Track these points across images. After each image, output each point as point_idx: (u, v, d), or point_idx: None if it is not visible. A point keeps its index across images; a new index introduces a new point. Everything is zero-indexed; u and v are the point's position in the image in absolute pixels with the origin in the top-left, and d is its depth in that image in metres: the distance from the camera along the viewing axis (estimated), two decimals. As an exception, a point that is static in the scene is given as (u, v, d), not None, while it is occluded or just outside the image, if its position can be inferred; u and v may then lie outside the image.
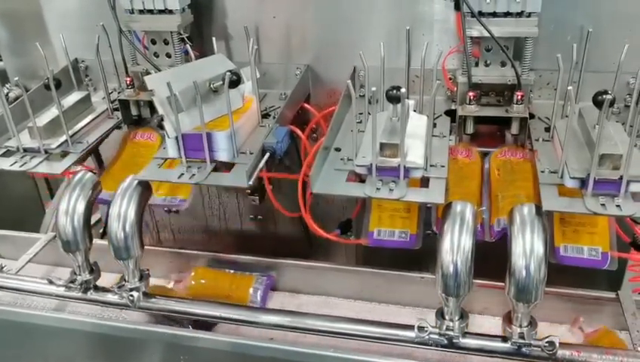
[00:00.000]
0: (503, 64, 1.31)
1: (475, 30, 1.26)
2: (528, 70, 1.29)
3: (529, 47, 1.27)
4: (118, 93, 1.54)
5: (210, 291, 1.47)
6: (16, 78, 1.34)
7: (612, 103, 1.02)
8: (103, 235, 1.76)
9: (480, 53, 1.31)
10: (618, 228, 1.20)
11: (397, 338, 1.13)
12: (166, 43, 1.46)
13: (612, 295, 1.29)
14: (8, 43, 1.82)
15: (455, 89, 1.33)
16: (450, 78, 1.39)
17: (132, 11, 1.42)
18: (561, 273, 1.16)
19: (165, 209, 1.42)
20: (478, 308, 1.40)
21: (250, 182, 1.15)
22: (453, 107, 1.35)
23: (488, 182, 1.26)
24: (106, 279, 1.34)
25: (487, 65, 1.32)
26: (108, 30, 1.45)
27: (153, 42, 1.47)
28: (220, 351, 1.24)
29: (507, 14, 1.25)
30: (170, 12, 1.40)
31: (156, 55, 1.48)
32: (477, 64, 1.32)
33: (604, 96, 1.01)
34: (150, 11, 1.41)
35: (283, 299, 1.51)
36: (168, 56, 1.47)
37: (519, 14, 1.24)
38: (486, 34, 1.25)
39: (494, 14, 1.25)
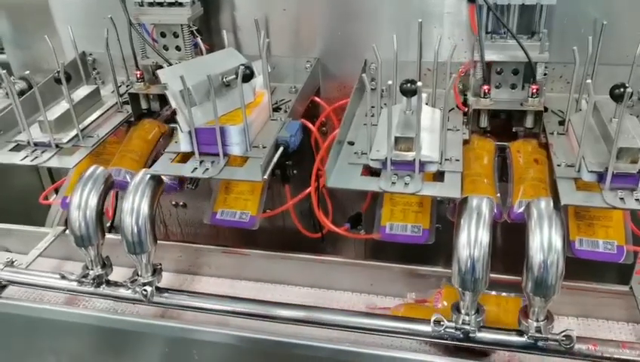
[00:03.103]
0: (514, 86, 1.30)
1: (492, 55, 1.25)
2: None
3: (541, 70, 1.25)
4: (127, 86, 1.53)
5: None
6: (28, 72, 1.32)
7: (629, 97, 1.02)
8: (111, 229, 1.76)
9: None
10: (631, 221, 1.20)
11: (413, 333, 1.13)
12: (176, 36, 1.44)
13: (625, 288, 1.29)
14: (13, 36, 1.80)
15: (466, 109, 1.32)
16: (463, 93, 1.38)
17: (142, 4, 1.41)
18: (571, 265, 1.16)
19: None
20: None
21: (265, 177, 1.14)
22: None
23: (511, 165, 1.26)
24: (116, 273, 1.34)
25: (497, 87, 1.31)
26: (115, 23, 1.44)
27: (163, 35, 1.45)
28: (232, 345, 1.25)
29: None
30: (180, 5, 1.39)
31: (166, 48, 1.47)
32: (487, 91, 1.28)
33: (622, 90, 1.01)
34: (160, 4, 1.40)
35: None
36: (178, 49, 1.46)
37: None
38: (501, 59, 1.25)
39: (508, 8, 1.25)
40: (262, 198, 1.39)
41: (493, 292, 1.30)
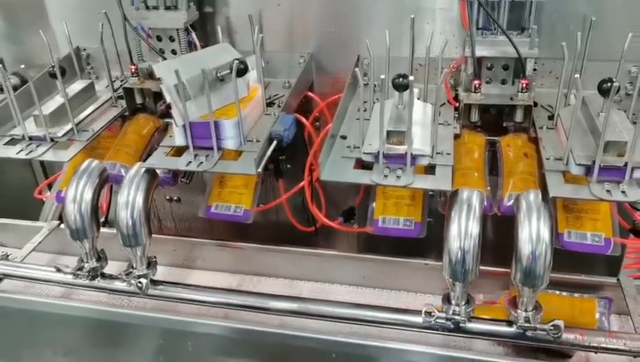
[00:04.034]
0: (504, 82, 1.32)
1: (483, 50, 1.27)
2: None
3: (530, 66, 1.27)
4: (121, 81, 1.54)
5: (550, 316, 1.23)
6: (23, 66, 1.33)
7: (616, 91, 1.04)
8: (105, 224, 1.77)
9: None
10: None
11: (405, 324, 1.15)
12: (172, 40, 1.45)
13: (613, 280, 1.31)
14: (6, 32, 1.80)
15: (457, 104, 1.34)
16: (455, 88, 1.40)
17: (137, 8, 1.43)
18: (561, 257, 1.18)
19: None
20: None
21: (259, 170, 1.15)
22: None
23: (501, 159, 1.28)
24: (111, 267, 1.35)
25: (488, 82, 1.33)
26: (110, 18, 1.44)
27: (159, 39, 1.46)
28: (226, 337, 1.26)
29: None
30: (176, 9, 1.41)
31: (162, 51, 1.47)
32: (478, 86, 1.30)
33: (609, 84, 1.03)
34: (156, 8, 1.42)
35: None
36: (174, 52, 1.47)
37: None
38: (492, 54, 1.27)
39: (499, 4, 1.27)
40: (256, 192, 1.40)
41: (565, 293, 1.31)
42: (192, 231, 1.96)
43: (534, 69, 1.31)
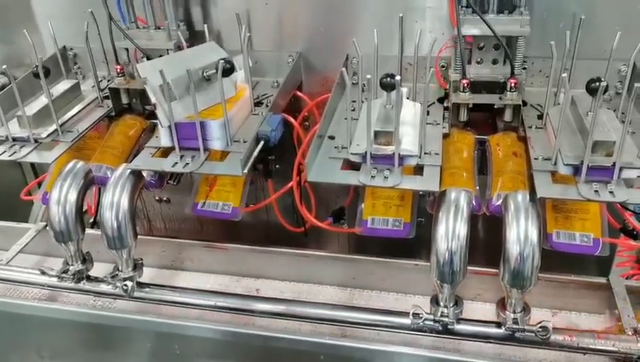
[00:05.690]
0: (495, 62, 1.31)
1: (471, 29, 1.25)
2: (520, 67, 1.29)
3: (521, 44, 1.26)
4: (108, 81, 1.53)
5: None
6: (5, 66, 1.31)
7: (604, 91, 1.03)
8: (94, 225, 1.75)
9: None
10: (608, 214, 1.22)
11: (392, 325, 1.14)
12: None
13: (603, 280, 1.31)
14: (-5, 31, 1.79)
15: (447, 87, 1.32)
16: (443, 67, 1.38)
17: (128, 27, 1.43)
18: (551, 258, 1.18)
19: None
20: (470, 295, 1.41)
21: (245, 171, 1.14)
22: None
23: (490, 158, 1.27)
24: (98, 269, 1.33)
25: (479, 63, 1.32)
26: (96, 17, 1.43)
27: (148, 59, 1.44)
28: (213, 339, 1.25)
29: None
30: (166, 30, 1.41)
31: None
32: (469, 62, 1.30)
33: (597, 84, 1.02)
34: (146, 28, 1.43)
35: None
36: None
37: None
38: (482, 32, 1.25)
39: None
40: (244, 190, 1.39)
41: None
42: (182, 231, 1.95)
43: (524, 68, 1.30)
